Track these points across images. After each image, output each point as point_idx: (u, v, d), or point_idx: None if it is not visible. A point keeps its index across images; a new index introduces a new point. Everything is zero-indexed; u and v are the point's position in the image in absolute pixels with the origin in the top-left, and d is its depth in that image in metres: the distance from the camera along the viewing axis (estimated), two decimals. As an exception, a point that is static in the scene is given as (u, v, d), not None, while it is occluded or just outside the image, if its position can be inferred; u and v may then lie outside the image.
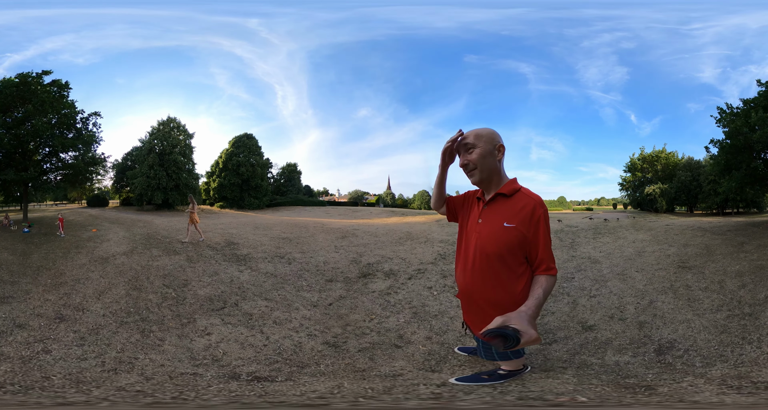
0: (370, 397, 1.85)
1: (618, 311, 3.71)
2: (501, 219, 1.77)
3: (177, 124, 28.44)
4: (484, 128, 1.84)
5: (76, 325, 3.35)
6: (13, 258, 6.50)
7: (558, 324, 3.51)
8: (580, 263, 6.04)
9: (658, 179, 30.63)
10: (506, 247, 1.74)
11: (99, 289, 4.56)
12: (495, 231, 1.77)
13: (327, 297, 4.47)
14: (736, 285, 4.23)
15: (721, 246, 6.90)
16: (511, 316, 1.35)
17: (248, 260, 6.74)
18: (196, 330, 3.39)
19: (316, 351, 2.90)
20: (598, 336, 3.10)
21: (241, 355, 2.81)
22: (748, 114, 11.55)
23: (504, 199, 1.82)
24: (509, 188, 1.82)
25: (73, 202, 34.94)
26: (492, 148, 1.80)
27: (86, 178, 15.87)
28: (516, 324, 1.29)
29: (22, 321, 3.40)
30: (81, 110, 14.69)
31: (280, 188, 39.96)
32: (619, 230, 10.74)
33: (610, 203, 56.21)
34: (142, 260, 6.35)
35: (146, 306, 3.99)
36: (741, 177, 12.20)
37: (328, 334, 3.29)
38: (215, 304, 4.17)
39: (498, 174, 1.84)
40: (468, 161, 1.81)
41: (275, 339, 3.18)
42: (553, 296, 4.34)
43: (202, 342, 3.08)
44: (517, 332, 1.25)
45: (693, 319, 3.30)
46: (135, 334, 3.20)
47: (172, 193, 26.50)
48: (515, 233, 1.73)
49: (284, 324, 3.58)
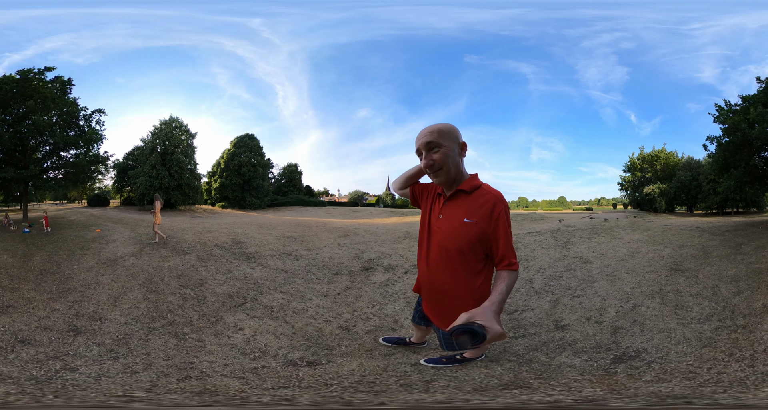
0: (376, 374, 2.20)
1: (597, 313, 3.63)
2: (461, 215, 1.77)
3: (179, 123, 28.30)
4: (445, 125, 1.76)
5: (97, 337, 2.99)
6: (13, 261, 6.06)
7: (533, 320, 3.56)
8: (570, 263, 6.00)
9: (657, 179, 30.52)
10: (466, 243, 1.75)
11: (113, 294, 4.30)
12: (455, 227, 1.78)
13: (335, 288, 4.83)
14: (730, 292, 3.96)
15: (719, 248, 6.69)
16: (477, 312, 1.34)
17: (258, 257, 6.75)
18: (227, 326, 3.40)
19: (335, 334, 3.26)
20: (566, 337, 3.06)
21: (280, 344, 3.01)
22: (746, 110, 11.20)
23: (465, 195, 1.80)
24: (470, 184, 1.80)
25: (74, 201, 34.75)
26: (455, 146, 1.75)
27: (88, 177, 15.68)
28: (482, 319, 1.29)
29: (25, 336, 2.95)
30: (84, 107, 14.49)
31: (281, 188, 39.93)
32: (615, 230, 10.63)
33: (610, 203, 56.20)
34: (152, 261, 6.18)
35: (169, 309, 3.84)
36: (740, 175, 11.87)
37: (341, 319, 3.69)
38: (236, 300, 4.24)
39: (460, 172, 1.81)
40: (433, 162, 1.74)
41: (299, 326, 3.46)
42: (537, 294, 4.42)
43: (241, 337, 3.12)
44: (483, 328, 1.26)
45: (675, 328, 3.06)
46: (170, 339, 3.01)
47: (174, 193, 26.40)
48: (475, 228, 1.73)
49: (302, 312, 3.89)
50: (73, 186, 17.67)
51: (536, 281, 5.06)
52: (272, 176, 38.84)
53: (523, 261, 6.31)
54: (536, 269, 5.75)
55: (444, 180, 1.79)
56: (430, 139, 1.72)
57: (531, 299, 4.30)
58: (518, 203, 70.94)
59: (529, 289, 4.71)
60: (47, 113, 13.37)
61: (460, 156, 1.79)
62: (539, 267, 5.85)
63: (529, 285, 4.88)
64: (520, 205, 69.93)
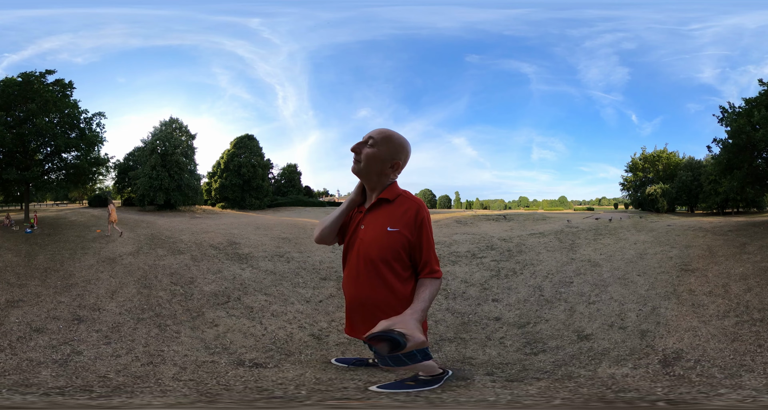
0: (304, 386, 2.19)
1: (618, 319, 3.57)
2: (384, 224, 1.75)
3: (179, 125, 28.66)
4: (400, 137, 1.77)
5: (96, 325, 3.45)
6: (18, 260, 6.45)
7: (551, 333, 3.36)
8: (579, 267, 5.97)
9: (659, 179, 30.59)
10: (390, 251, 1.72)
11: (111, 289, 4.69)
12: (378, 236, 1.74)
13: (319, 294, 4.76)
14: (741, 289, 4.09)
15: (723, 247, 6.85)
16: (397, 320, 1.32)
17: (249, 258, 6.98)
18: (205, 322, 3.67)
19: (303, 341, 3.24)
20: (595, 347, 2.93)
21: (245, 343, 3.14)
22: (750, 113, 11.52)
23: (386, 204, 1.79)
24: (391, 192, 1.79)
25: (74, 202, 35.04)
26: (387, 158, 1.75)
27: (89, 178, 16.00)
28: (402, 327, 1.26)
29: (38, 325, 3.37)
30: (85, 109, 14.78)
31: (280, 188, 40.19)
32: (620, 230, 10.75)
33: (611, 203, 56.31)
34: (148, 260, 6.53)
35: (158, 303, 4.18)
36: (743, 176, 12.15)
37: (315, 327, 3.63)
38: (220, 299, 4.46)
39: (381, 183, 1.79)
40: (359, 150, 1.75)
41: (272, 329, 3.52)
42: (549, 302, 4.25)
43: (212, 333, 3.38)
44: (403, 336, 1.23)
45: (699, 327, 3.13)
46: (153, 329, 3.39)
47: (174, 193, 26.68)
48: (398, 237, 1.72)
49: (280, 316, 3.92)
50: (74, 187, 17.98)
51: (546, 288, 4.89)
52: (272, 177, 39.16)
53: (529, 266, 6.24)
54: (544, 274, 5.63)
55: (357, 171, 1.78)
56: (372, 135, 1.75)
57: (543, 309, 4.10)
58: (519, 203, 71.12)
59: (539, 297, 4.51)
60: (48, 115, 13.65)
61: (387, 171, 1.78)
62: (547, 272, 5.73)
63: (538, 293, 4.67)
64: (521, 205, 70.13)
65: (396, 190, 1.82)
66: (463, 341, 3.29)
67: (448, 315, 4.00)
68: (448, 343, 3.22)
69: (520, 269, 6.06)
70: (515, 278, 5.48)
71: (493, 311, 4.12)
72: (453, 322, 3.80)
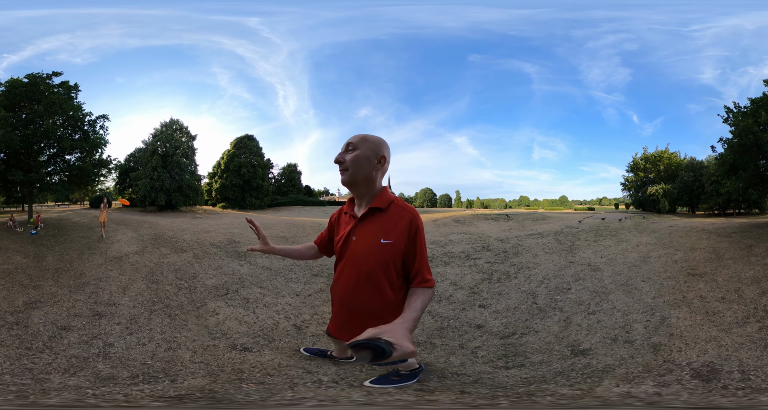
0: (276, 375, 2.46)
1: (623, 331, 3.19)
2: (377, 235, 1.74)
3: (179, 126, 28.93)
4: (374, 136, 1.79)
5: (115, 318, 3.70)
6: (27, 261, 6.53)
7: (538, 346, 3.01)
8: (578, 271, 5.59)
9: (660, 180, 30.55)
10: (383, 263, 1.73)
11: (122, 285, 5.02)
12: (372, 248, 1.74)
13: (308, 289, 5.02)
14: (755, 293, 3.85)
15: (729, 250, 6.61)
16: (386, 329, 1.27)
17: (248, 256, 7.29)
18: (208, 311, 4.07)
19: (285, 330, 3.52)
20: (592, 363, 2.60)
21: (239, 330, 3.50)
22: (757, 113, 11.38)
23: (379, 213, 1.78)
24: (382, 200, 1.78)
25: (75, 203, 35.30)
26: (371, 154, 1.74)
27: (92, 180, 16.29)
28: (390, 336, 1.22)
29: (63, 324, 3.46)
30: (89, 112, 14.98)
31: (281, 188, 40.49)
32: (621, 232, 10.52)
33: (611, 203, 56.51)
34: (153, 258, 6.90)
35: (166, 296, 4.56)
36: (748, 177, 12.03)
37: (299, 318, 3.88)
38: (220, 291, 4.86)
39: (372, 184, 1.79)
40: (343, 159, 1.75)
41: (263, 318, 3.86)
42: (542, 311, 3.97)
43: (214, 320, 3.77)
44: (390, 345, 1.18)
45: (720, 336, 2.85)
46: (165, 318, 3.76)
47: (175, 194, 26.97)
48: (392, 248, 1.72)
49: (271, 307, 4.26)
50: (76, 188, 18.24)
51: (540, 295, 4.54)
52: (272, 177, 39.48)
53: (524, 269, 6.00)
54: (539, 279, 5.30)
55: (347, 181, 1.77)
56: (350, 141, 1.76)
57: (534, 318, 3.75)
58: (519, 202, 71.35)
59: (532, 305, 4.17)
60: (53, 116, 13.86)
61: (376, 167, 1.76)
62: (543, 277, 5.39)
63: (531, 301, 4.34)
64: (521, 204, 70.38)
65: (387, 196, 1.82)
66: (432, 346, 3.12)
67: (427, 317, 3.81)
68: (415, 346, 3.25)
69: (514, 272, 5.83)
70: (508, 283, 5.23)
71: (478, 318, 3.87)
72: (430, 326, 3.60)
